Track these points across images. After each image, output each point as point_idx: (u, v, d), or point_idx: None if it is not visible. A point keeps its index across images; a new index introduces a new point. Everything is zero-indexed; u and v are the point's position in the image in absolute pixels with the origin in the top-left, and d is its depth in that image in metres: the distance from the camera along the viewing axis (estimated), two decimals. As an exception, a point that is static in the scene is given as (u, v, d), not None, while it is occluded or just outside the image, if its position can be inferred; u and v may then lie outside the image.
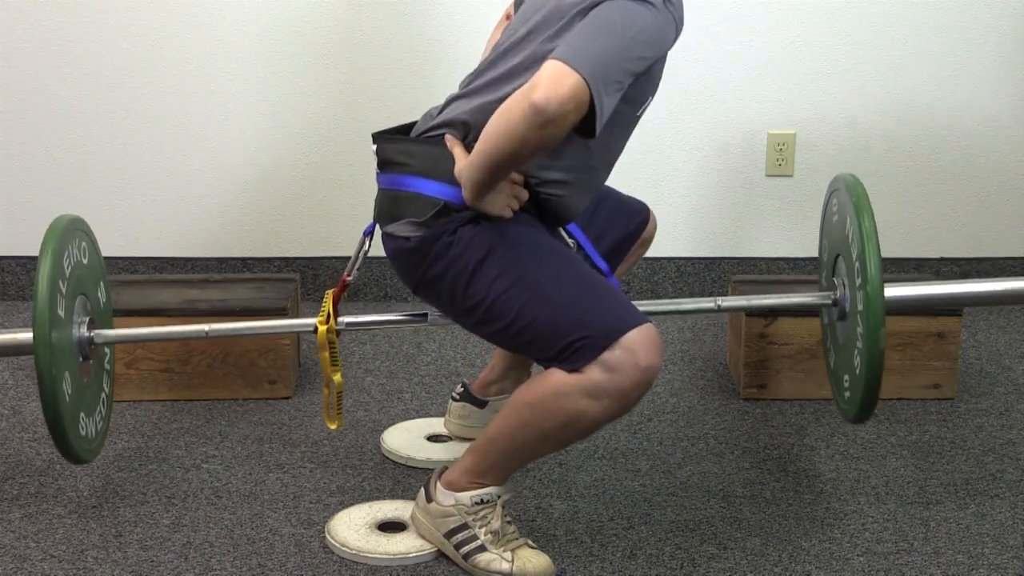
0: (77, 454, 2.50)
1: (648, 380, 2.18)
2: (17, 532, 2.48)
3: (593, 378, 2.17)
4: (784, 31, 3.67)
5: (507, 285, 2.25)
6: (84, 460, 2.56)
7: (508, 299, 2.25)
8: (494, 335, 2.35)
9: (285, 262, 3.81)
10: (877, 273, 2.38)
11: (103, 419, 2.67)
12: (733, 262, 3.82)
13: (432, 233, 2.30)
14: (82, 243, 2.62)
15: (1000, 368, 3.32)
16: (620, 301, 2.25)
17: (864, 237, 2.40)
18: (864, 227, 2.41)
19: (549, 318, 2.22)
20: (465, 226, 2.29)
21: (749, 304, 2.83)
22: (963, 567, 2.36)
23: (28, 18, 3.63)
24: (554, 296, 2.23)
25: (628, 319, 2.19)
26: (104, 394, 2.70)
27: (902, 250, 3.81)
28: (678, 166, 3.76)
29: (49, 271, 2.42)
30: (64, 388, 2.43)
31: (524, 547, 2.36)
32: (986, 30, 3.67)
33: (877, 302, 2.37)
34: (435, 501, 2.38)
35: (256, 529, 2.50)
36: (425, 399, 3.13)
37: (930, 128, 3.73)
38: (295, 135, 3.72)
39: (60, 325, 2.45)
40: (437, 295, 2.37)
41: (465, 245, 2.28)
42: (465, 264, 2.28)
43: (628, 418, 2.99)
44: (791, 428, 2.96)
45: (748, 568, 2.36)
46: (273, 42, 3.66)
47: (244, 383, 3.10)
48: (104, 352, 2.71)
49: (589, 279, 2.28)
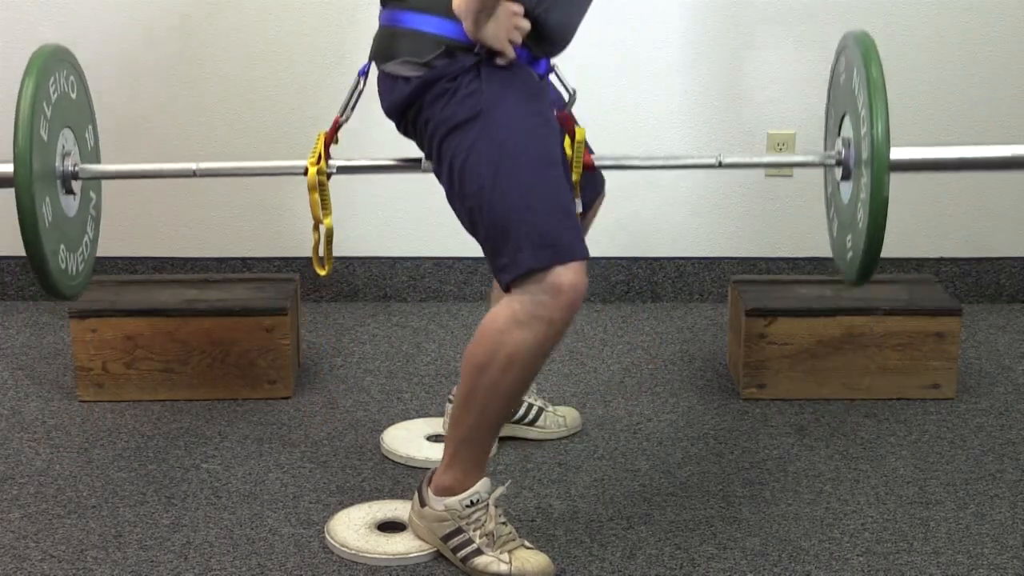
0: (56, 285, 2.43)
1: (574, 303, 2.19)
2: (17, 532, 2.48)
3: (522, 307, 2.19)
4: (784, 31, 3.67)
5: (479, 159, 2.22)
6: (65, 296, 2.49)
7: (475, 173, 2.22)
8: (453, 199, 2.31)
9: (284, 262, 3.81)
10: (884, 120, 2.34)
11: (85, 262, 2.60)
12: (733, 262, 3.82)
13: (432, 75, 2.25)
14: (70, 76, 2.55)
15: (999, 368, 3.32)
16: (572, 227, 2.23)
17: (871, 85, 2.34)
18: (872, 76, 2.35)
19: (501, 215, 2.21)
20: (467, 74, 2.24)
21: (751, 161, 2.94)
22: (963, 567, 2.36)
23: (27, 17, 3.63)
24: (515, 197, 2.21)
25: (569, 251, 2.19)
26: (88, 238, 2.62)
27: (902, 250, 3.80)
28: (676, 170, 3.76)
29: (32, 90, 2.34)
30: (44, 212, 2.36)
31: (521, 548, 2.36)
32: (987, 31, 3.67)
33: (883, 148, 2.34)
34: (428, 506, 2.39)
35: (256, 529, 2.50)
36: (425, 399, 3.13)
37: (928, 128, 3.72)
38: (293, 133, 3.72)
39: (42, 148, 2.38)
40: (420, 137, 2.35)
41: (461, 97, 2.24)
42: (452, 115, 2.24)
43: (627, 418, 2.99)
44: (790, 428, 2.96)
45: (748, 568, 2.35)
46: (272, 42, 3.66)
47: (243, 383, 3.10)
48: (90, 196, 2.65)
49: (555, 194, 2.24)
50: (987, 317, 3.70)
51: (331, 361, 3.36)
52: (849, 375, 3.09)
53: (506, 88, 2.25)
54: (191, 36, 3.65)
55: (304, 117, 3.67)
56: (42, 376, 3.25)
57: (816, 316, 3.08)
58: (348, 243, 3.80)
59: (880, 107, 2.34)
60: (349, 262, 3.81)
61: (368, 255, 3.82)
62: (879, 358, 3.09)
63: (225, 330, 3.07)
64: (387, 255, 3.81)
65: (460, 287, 3.83)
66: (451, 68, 2.24)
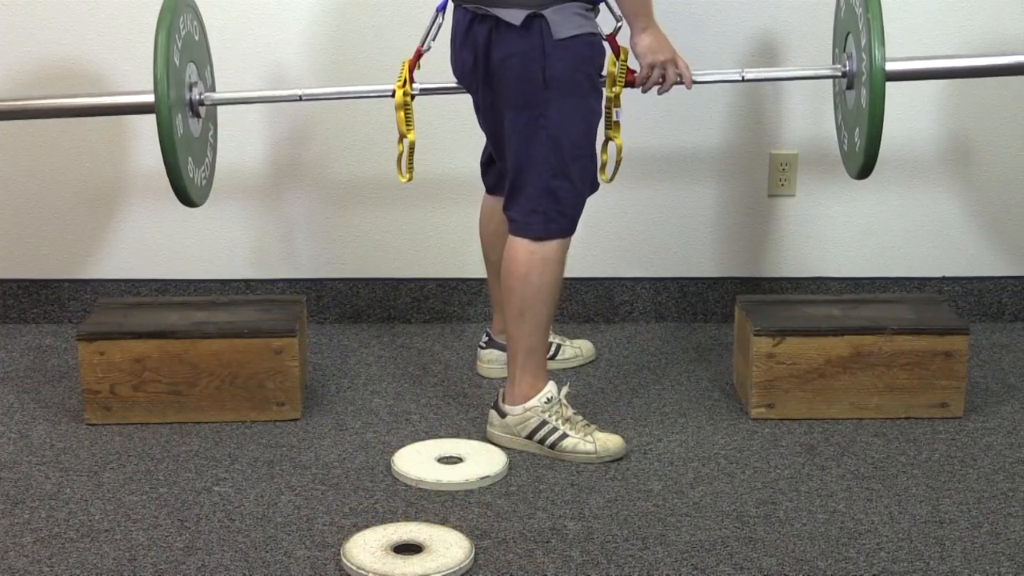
0: (187, 190, 2.91)
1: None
2: (30, 556, 2.47)
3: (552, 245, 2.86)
4: (786, 51, 3.68)
5: (565, 109, 2.79)
6: (193, 202, 2.98)
7: (561, 118, 2.80)
8: (510, 124, 2.84)
9: (288, 283, 3.80)
10: (880, 38, 2.83)
11: (207, 179, 3.10)
12: (736, 282, 3.83)
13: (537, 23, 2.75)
14: (194, 21, 3.04)
15: (1005, 387, 3.33)
16: None
17: (869, 7, 2.83)
18: (871, 9, 2.83)
19: (552, 171, 2.82)
20: None
21: (770, 76, 3.52)
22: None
23: (31, 40, 3.63)
24: (571, 165, 2.83)
25: None
26: (208, 159, 3.11)
27: (905, 269, 3.82)
28: (681, 187, 3.77)
29: (168, 24, 2.83)
30: (177, 125, 2.85)
31: (597, 430, 2.89)
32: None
33: (880, 64, 2.82)
34: (508, 415, 2.89)
35: (271, 552, 2.49)
36: (433, 420, 3.13)
37: (931, 147, 3.74)
38: (295, 156, 3.72)
39: (176, 72, 2.87)
40: (506, 72, 2.81)
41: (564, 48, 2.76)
42: (559, 59, 2.76)
43: (638, 439, 3.00)
44: (800, 448, 2.96)
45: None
46: (277, 64, 3.66)
47: (252, 405, 3.10)
48: (209, 126, 3.13)
49: (593, 168, 2.92)
50: (990, 336, 3.71)
51: (338, 383, 3.35)
52: (858, 394, 3.10)
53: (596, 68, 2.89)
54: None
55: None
56: (48, 399, 3.24)
57: (824, 335, 3.08)
58: (351, 265, 3.80)
59: (877, 27, 2.83)
60: (353, 283, 3.80)
61: (372, 276, 3.81)
62: (887, 377, 3.09)
63: (234, 352, 3.06)
64: (391, 276, 3.81)
65: (464, 308, 3.82)
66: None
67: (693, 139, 3.74)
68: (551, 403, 2.88)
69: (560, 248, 2.88)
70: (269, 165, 3.73)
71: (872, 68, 2.83)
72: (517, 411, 2.88)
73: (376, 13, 3.63)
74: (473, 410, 3.17)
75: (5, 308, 3.80)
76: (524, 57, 2.77)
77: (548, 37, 2.75)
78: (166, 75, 2.81)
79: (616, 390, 3.31)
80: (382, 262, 3.79)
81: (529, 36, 2.75)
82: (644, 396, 3.27)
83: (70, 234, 3.75)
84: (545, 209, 2.84)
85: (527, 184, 2.84)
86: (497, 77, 2.83)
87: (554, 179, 2.82)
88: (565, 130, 2.80)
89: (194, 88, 2.99)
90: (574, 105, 2.81)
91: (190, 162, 2.94)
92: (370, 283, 3.82)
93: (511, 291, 2.88)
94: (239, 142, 3.68)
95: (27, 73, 3.64)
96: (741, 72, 3.12)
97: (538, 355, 2.91)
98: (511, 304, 2.89)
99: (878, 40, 2.83)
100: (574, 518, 2.63)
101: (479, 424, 3.07)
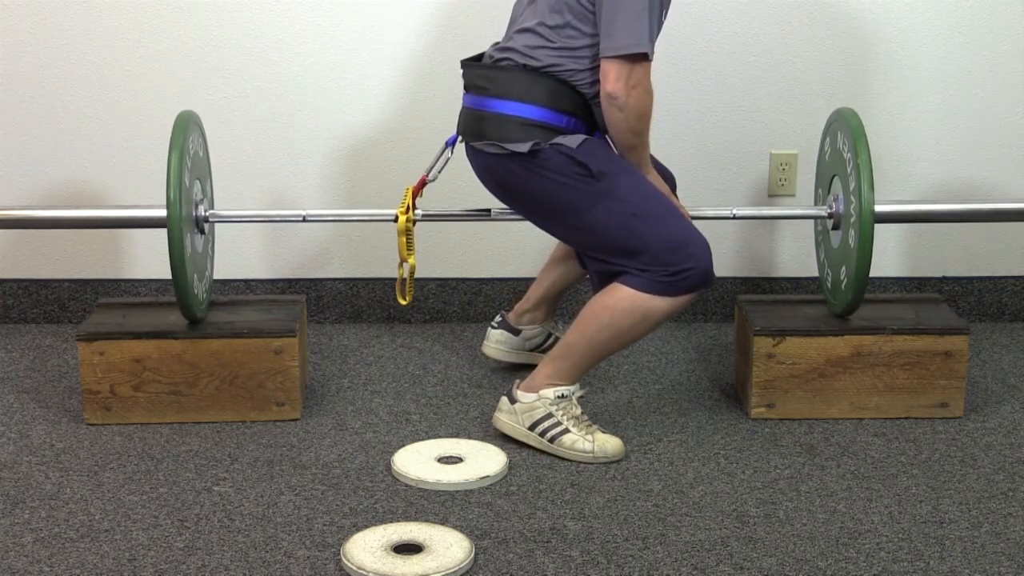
0: (191, 307, 3.00)
1: (707, 284, 2.85)
2: (30, 556, 2.47)
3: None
4: (787, 51, 3.68)
5: (630, 188, 2.81)
6: (196, 317, 3.05)
7: (629, 199, 2.81)
8: (593, 228, 2.83)
9: (288, 283, 3.80)
10: (870, 181, 2.95)
11: (206, 292, 3.15)
12: (736, 282, 3.83)
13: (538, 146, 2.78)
14: (199, 138, 3.11)
15: (1005, 387, 3.33)
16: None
17: (858, 155, 2.95)
18: (860, 157, 2.96)
19: (662, 235, 2.82)
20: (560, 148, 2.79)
21: (759, 214, 3.71)
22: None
23: (33, 39, 3.63)
24: (665, 220, 2.86)
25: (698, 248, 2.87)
26: (207, 271, 3.20)
27: (904, 269, 3.82)
28: (680, 186, 3.77)
29: (180, 147, 2.91)
30: (187, 245, 2.94)
31: (599, 431, 2.88)
32: (989, 43, 3.70)
33: (869, 206, 2.94)
34: (519, 401, 2.90)
35: (271, 552, 2.49)
36: (433, 420, 3.13)
37: (932, 148, 3.74)
38: (298, 159, 3.72)
39: (187, 193, 2.95)
40: (530, 196, 2.86)
41: (584, 155, 2.79)
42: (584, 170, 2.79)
43: (638, 438, 2.99)
44: (800, 447, 2.96)
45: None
46: (287, 73, 3.66)
47: (251, 405, 3.09)
48: (209, 239, 3.22)
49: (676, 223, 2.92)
50: (990, 336, 3.71)
51: (338, 383, 3.35)
52: (858, 394, 3.10)
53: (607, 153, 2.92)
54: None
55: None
56: (48, 399, 3.24)
57: (824, 335, 3.08)
58: (351, 264, 3.80)
59: (867, 173, 2.95)
60: (353, 283, 3.80)
61: (371, 276, 3.81)
62: (887, 377, 3.09)
63: (233, 352, 3.06)
64: (391, 276, 3.81)
65: (464, 308, 3.82)
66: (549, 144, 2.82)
67: (693, 139, 3.74)
68: (563, 399, 2.89)
69: (663, 308, 2.81)
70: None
71: (862, 211, 2.94)
72: (529, 398, 2.90)
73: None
74: (473, 410, 3.17)
75: (5, 308, 3.80)
76: None
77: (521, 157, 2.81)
78: (178, 197, 2.90)
79: (616, 390, 3.31)
80: (382, 262, 3.79)
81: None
82: (644, 396, 3.27)
83: (70, 234, 3.75)
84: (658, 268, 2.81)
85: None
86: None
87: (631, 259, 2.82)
88: (600, 234, 2.85)
89: (199, 206, 3.06)
90: (589, 208, 2.83)
91: (195, 279, 3.03)
92: (370, 283, 3.83)
93: (597, 318, 2.83)
94: (240, 150, 3.69)
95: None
96: (731, 210, 3.27)
97: (575, 367, 2.90)
98: (593, 319, 2.84)
99: (867, 184, 2.94)
100: (574, 518, 2.63)
101: (479, 424, 3.08)
